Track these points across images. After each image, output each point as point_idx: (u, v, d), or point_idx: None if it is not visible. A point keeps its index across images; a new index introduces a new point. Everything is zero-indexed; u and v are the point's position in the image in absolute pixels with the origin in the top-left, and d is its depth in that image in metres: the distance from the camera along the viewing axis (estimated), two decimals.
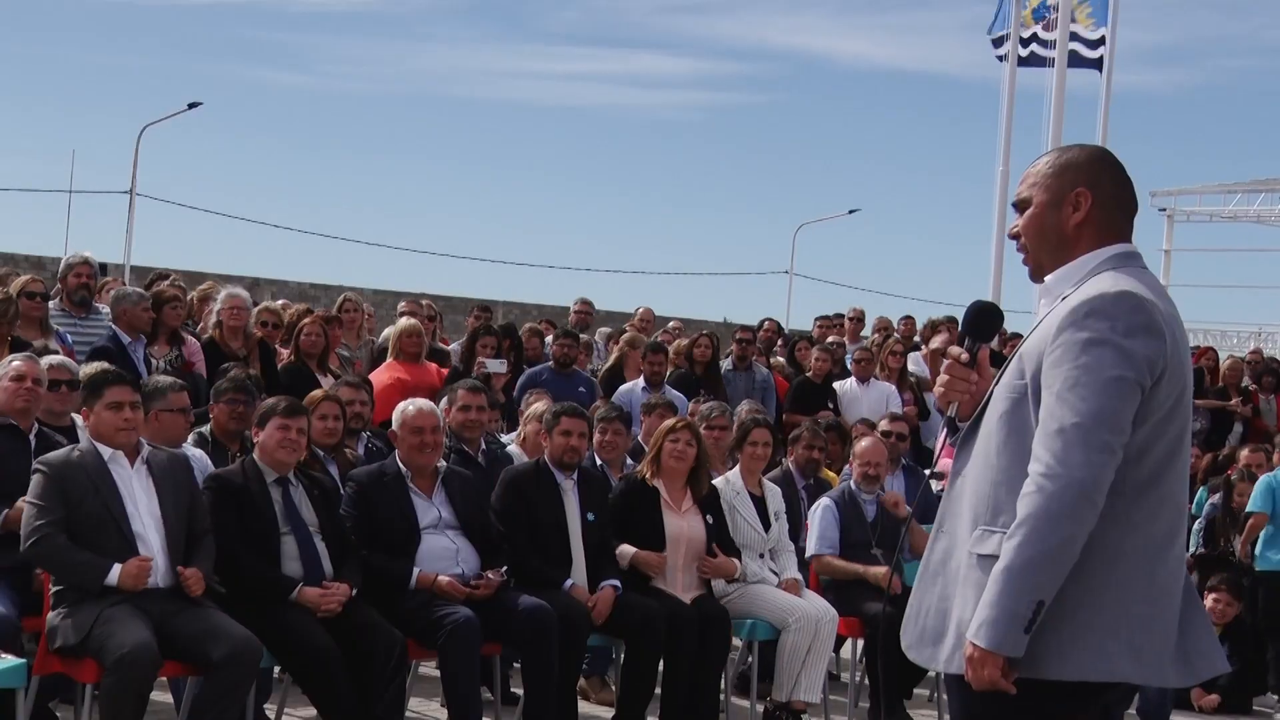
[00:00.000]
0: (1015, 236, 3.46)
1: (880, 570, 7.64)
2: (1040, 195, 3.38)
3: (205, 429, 7.33)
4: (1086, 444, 3.09)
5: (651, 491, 7.33)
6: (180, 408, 6.62)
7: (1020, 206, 3.44)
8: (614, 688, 7.28)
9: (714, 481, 7.78)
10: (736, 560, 7.34)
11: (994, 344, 10.80)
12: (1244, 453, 11.34)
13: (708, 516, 7.41)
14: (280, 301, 11.93)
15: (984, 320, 3.54)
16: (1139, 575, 3.20)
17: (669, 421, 7.64)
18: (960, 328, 3.64)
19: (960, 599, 3.28)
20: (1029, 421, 3.22)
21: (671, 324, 14.86)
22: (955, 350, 3.49)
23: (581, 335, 11.89)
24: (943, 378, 3.48)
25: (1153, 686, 3.36)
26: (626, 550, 7.17)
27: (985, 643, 3.12)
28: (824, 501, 8.05)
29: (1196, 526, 10.48)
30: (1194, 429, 13.46)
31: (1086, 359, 3.13)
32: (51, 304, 9.22)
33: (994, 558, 3.20)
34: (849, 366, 12.82)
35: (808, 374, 12.31)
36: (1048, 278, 3.40)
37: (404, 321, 10.53)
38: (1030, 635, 3.12)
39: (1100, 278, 3.27)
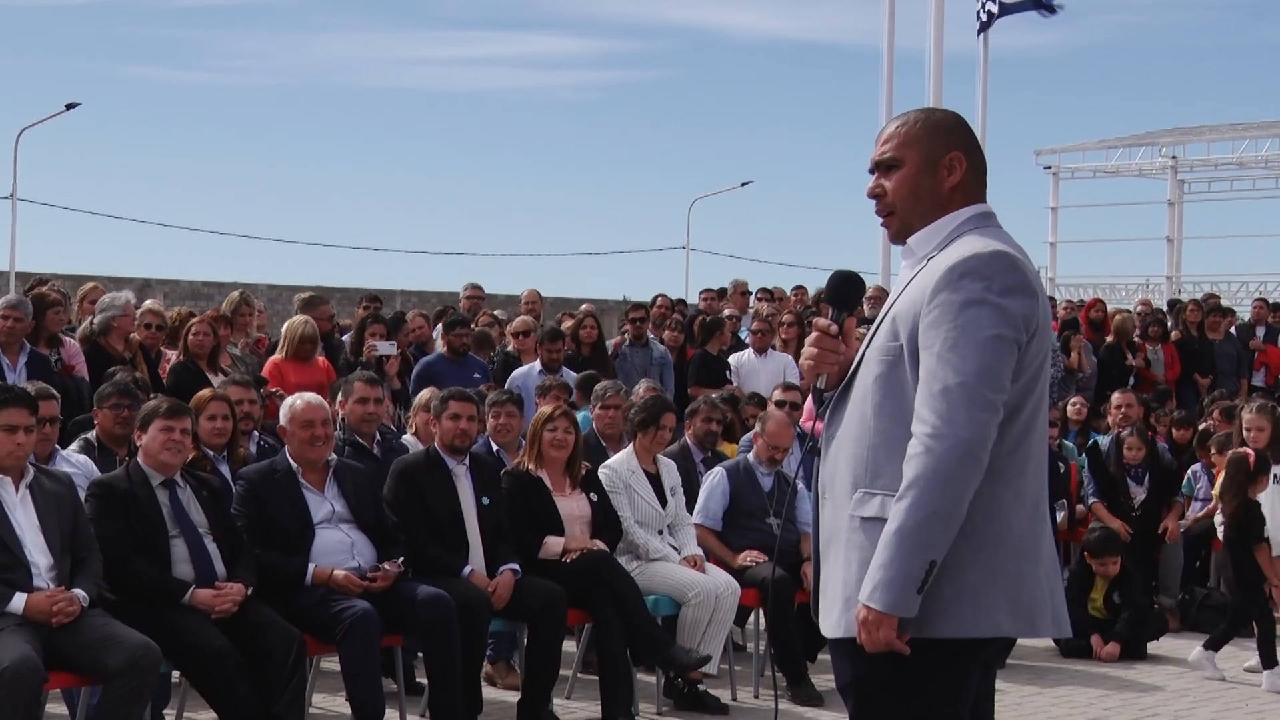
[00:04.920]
0: (877, 196, 3.44)
1: (744, 555, 7.76)
2: (914, 157, 3.37)
3: (91, 435, 7.22)
4: (970, 403, 3.11)
5: (537, 481, 7.34)
6: (46, 417, 6.47)
7: (885, 167, 3.41)
8: (520, 671, 7.27)
9: (608, 463, 7.80)
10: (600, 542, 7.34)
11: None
12: (1114, 396, 11.50)
13: (591, 495, 7.45)
14: (150, 301, 11.77)
15: (846, 290, 3.56)
16: (1012, 530, 3.25)
17: (544, 410, 7.61)
18: (825, 299, 3.65)
19: (843, 562, 3.30)
20: (906, 383, 3.24)
21: (584, 306, 14.78)
22: (822, 322, 3.50)
23: (474, 324, 11.82)
24: (810, 350, 3.47)
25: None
26: (555, 542, 7.18)
27: (880, 605, 3.14)
28: (718, 471, 8.11)
29: (1089, 479, 10.66)
30: (1080, 380, 13.82)
31: (965, 319, 3.16)
32: None
33: (875, 520, 3.22)
34: (744, 339, 12.90)
35: (708, 348, 12.35)
36: (911, 239, 3.40)
37: (304, 328, 10.17)
38: (921, 595, 3.13)
39: (968, 238, 3.29)
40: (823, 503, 3.41)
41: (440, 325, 11.59)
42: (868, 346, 3.36)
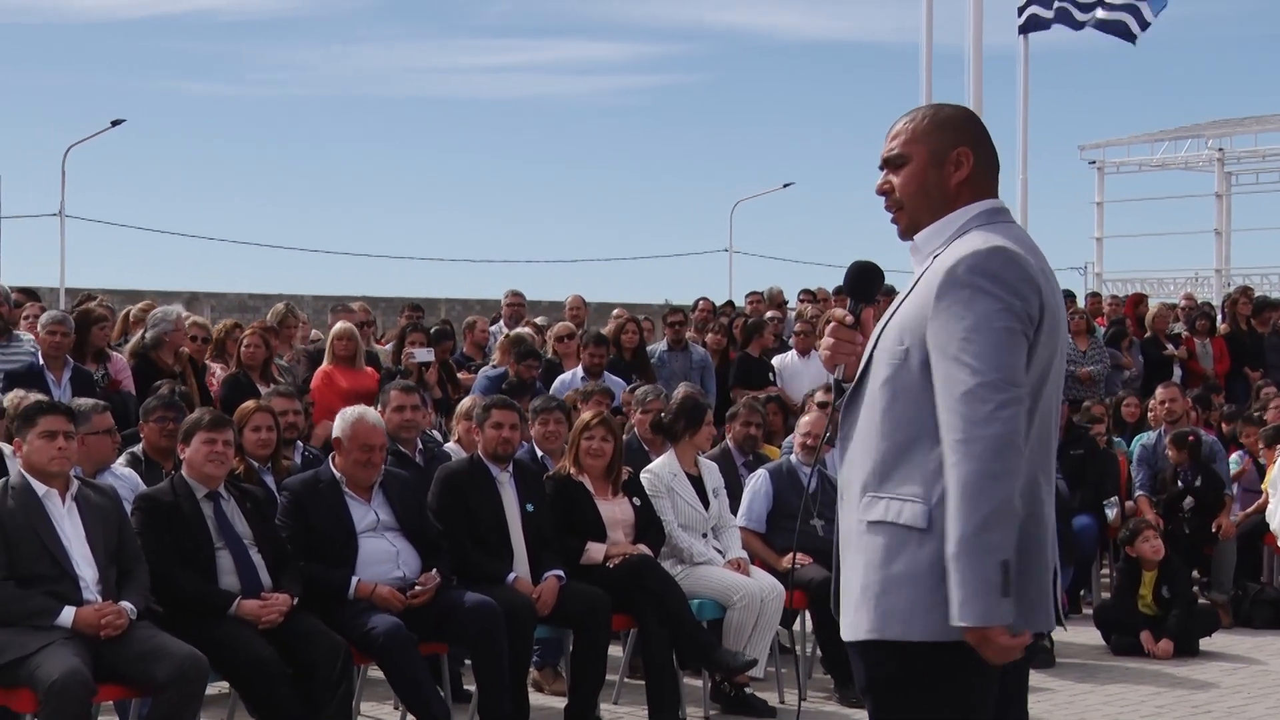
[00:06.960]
0: (886, 193, 3.41)
1: (788, 557, 7.69)
2: (921, 152, 3.35)
3: (137, 448, 7.28)
4: (992, 400, 3.08)
5: (579, 485, 7.34)
6: (105, 429, 6.57)
7: (893, 163, 3.39)
8: (566, 677, 7.27)
9: (650, 467, 7.79)
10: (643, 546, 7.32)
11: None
12: (1158, 390, 11.34)
13: (634, 499, 7.44)
14: (190, 318, 11.85)
15: (865, 281, 3.54)
16: (1029, 525, 3.21)
17: (584, 417, 7.56)
18: (843, 289, 3.64)
19: (852, 565, 3.28)
20: (913, 386, 3.21)
21: (615, 310, 14.77)
22: (839, 313, 3.49)
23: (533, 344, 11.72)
24: (827, 341, 3.47)
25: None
26: (597, 548, 7.18)
27: (972, 620, 3.07)
28: (760, 473, 8.09)
29: (1137, 472, 10.59)
30: (1126, 377, 13.72)
31: (971, 317, 3.13)
32: None
33: (881, 524, 3.21)
34: (788, 340, 12.85)
35: (749, 350, 12.31)
36: (917, 236, 3.38)
37: (338, 325, 10.49)
38: (1010, 597, 3.06)
39: (971, 235, 3.27)
40: (841, 504, 3.40)
41: (510, 346, 11.19)
42: (875, 347, 3.33)
